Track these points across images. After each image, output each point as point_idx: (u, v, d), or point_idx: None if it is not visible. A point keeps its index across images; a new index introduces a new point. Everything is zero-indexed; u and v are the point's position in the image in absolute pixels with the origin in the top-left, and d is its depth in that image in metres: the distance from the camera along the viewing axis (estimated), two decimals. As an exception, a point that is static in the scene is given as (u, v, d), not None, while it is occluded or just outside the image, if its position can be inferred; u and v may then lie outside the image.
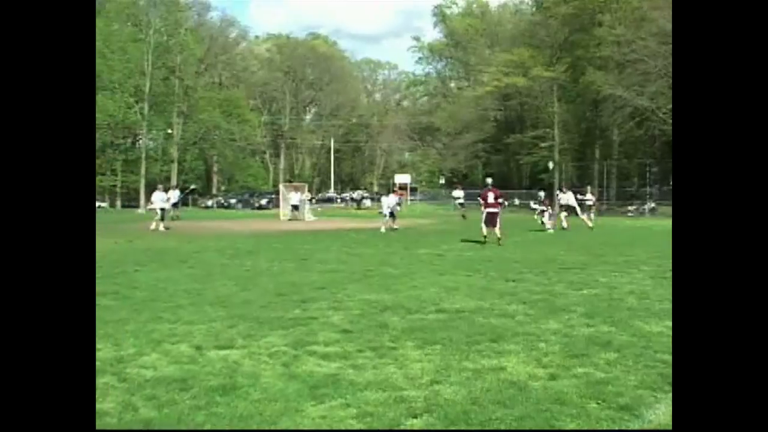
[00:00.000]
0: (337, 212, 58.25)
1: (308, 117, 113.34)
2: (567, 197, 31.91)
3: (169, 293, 11.07)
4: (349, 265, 15.19)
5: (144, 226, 32.41)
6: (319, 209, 53.47)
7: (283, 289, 11.48)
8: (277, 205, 50.17)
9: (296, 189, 44.56)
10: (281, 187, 49.76)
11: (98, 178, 75.93)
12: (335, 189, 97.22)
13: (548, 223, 30.26)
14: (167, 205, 32.93)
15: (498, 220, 21.90)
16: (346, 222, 39.17)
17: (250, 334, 7.88)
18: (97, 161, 76.39)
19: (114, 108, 71.69)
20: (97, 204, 73.76)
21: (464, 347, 7.18)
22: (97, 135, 71.79)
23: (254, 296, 10.72)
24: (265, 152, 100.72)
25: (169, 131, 79.59)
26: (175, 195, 37.69)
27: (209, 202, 76.90)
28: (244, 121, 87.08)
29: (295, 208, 41.71)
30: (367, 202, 70.21)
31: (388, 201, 31.50)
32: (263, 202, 69.56)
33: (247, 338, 7.65)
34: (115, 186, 78.02)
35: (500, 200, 23.08)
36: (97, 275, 13.32)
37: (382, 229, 28.75)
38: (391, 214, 30.59)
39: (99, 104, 70.61)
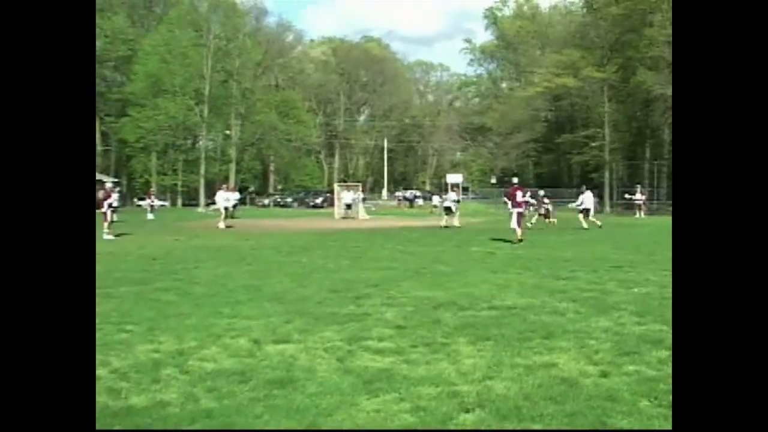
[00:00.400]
0: (390, 211, 58.32)
1: (362, 118, 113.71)
2: (584, 198, 32.00)
3: (228, 289, 11.21)
4: (403, 263, 15.19)
5: (203, 225, 32.88)
6: (372, 208, 53.56)
7: (338, 285, 11.53)
8: (332, 204, 50.46)
9: (349, 188, 44.82)
10: (335, 186, 50.04)
11: (159, 177, 77.37)
12: (388, 188, 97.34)
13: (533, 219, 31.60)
14: (229, 204, 33.43)
15: (521, 219, 21.67)
16: (399, 221, 39.18)
17: (306, 329, 7.93)
18: (159, 161, 77.82)
19: (175, 110, 72.93)
20: (159, 202, 74.95)
21: (516, 343, 7.12)
22: (159, 136, 73.25)
23: (310, 292, 10.79)
24: (320, 152, 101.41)
25: (228, 132, 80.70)
26: (234, 195, 38.13)
27: (266, 201, 77.75)
28: (299, 122, 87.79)
29: (348, 207, 42.02)
30: (420, 201, 70.17)
31: (450, 197, 32.21)
32: (318, 200, 70.05)
33: (303, 333, 7.70)
34: (176, 185, 79.28)
35: (525, 199, 23.12)
36: (159, 271, 13.61)
37: (456, 223, 30.11)
38: (449, 210, 31.14)
39: (161, 107, 72.03)
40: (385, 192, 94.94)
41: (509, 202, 21.73)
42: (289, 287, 11.43)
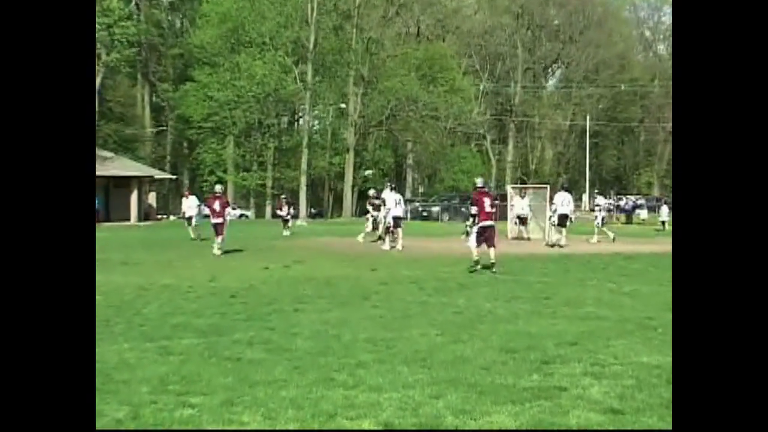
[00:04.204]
0: (595, 226, 57.46)
1: (550, 83, 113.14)
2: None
3: (343, 344, 11.40)
4: (616, 309, 14.99)
5: (310, 245, 33.45)
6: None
7: (514, 342, 11.51)
8: (503, 217, 50.36)
9: (524, 192, 44.49)
10: (509, 189, 49.86)
11: (241, 174, 79.11)
12: (592, 191, 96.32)
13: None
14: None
15: (495, 235, 23.19)
16: (608, 242, 38.68)
17: (466, 408, 7.95)
18: (239, 150, 79.60)
19: (264, 72, 73.98)
20: (240, 212, 76.97)
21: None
22: (239, 111, 74.73)
23: (470, 352, 10.81)
24: (484, 136, 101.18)
25: (343, 105, 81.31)
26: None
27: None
28: (453, 91, 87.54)
29: (565, 221, 41.62)
30: (643, 213, 69.07)
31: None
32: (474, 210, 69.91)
33: (462, 415, 7.73)
34: (264, 185, 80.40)
35: (495, 209, 24.20)
36: (242, 316, 13.99)
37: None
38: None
39: (242, 67, 73.49)
40: (586, 198, 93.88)
41: (476, 212, 23.54)
42: (438, 343, 11.53)
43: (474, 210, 23.67)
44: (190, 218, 41.01)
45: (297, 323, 13.26)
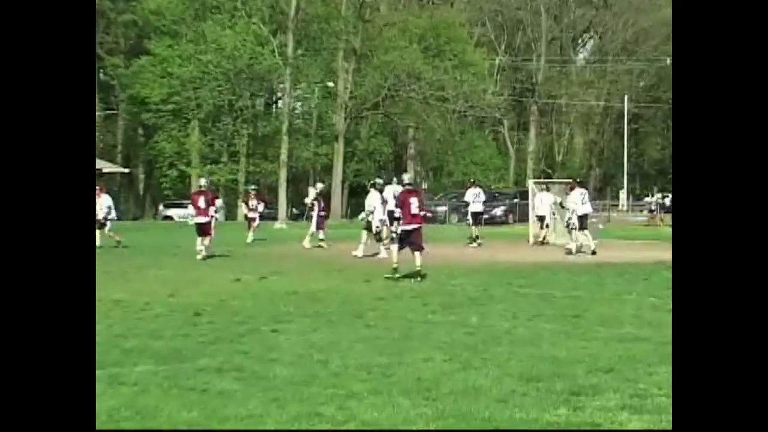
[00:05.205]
0: (635, 230, 57.47)
1: (581, 57, 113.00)
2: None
3: (332, 371, 11.40)
4: (660, 329, 14.95)
5: (292, 252, 33.44)
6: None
7: (537, 369, 11.51)
8: (524, 218, 50.37)
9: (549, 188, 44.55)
10: (531, 184, 49.87)
11: (208, 167, 78.79)
12: (631, 187, 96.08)
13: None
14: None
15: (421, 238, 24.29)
16: (651, 247, 38.66)
17: (479, 448, 7.94)
18: (205, 137, 79.31)
19: (235, 44, 73.77)
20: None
21: None
22: (206, 91, 74.70)
23: (484, 380, 10.80)
24: (501, 121, 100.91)
25: (330, 84, 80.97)
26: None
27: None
28: (463, 66, 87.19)
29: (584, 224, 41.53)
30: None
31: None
32: (497, 212, 69.90)
33: (473, 456, 7.71)
34: (235, 180, 79.93)
35: (423, 211, 25.39)
36: (209, 338, 14.01)
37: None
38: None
39: (208, 37, 73.35)
40: (623, 195, 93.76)
41: (400, 214, 24.93)
42: (446, 369, 11.53)
43: (397, 213, 24.91)
44: (102, 221, 39.12)
45: (276, 346, 13.26)
